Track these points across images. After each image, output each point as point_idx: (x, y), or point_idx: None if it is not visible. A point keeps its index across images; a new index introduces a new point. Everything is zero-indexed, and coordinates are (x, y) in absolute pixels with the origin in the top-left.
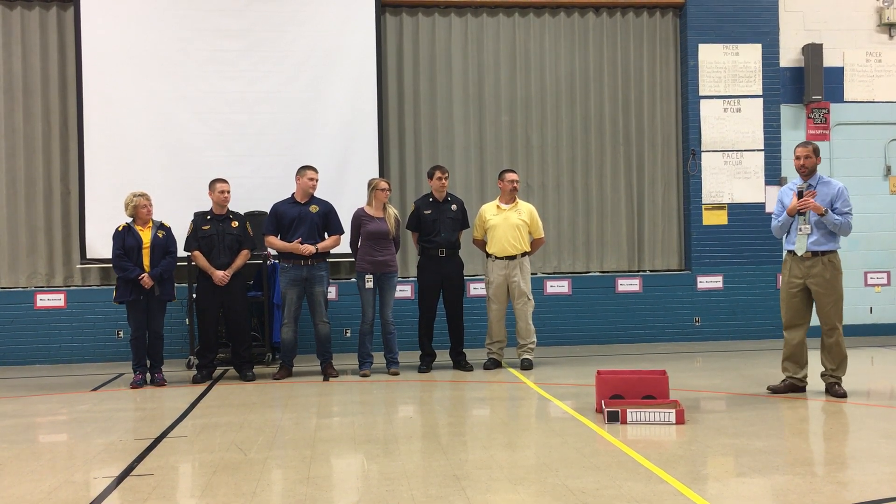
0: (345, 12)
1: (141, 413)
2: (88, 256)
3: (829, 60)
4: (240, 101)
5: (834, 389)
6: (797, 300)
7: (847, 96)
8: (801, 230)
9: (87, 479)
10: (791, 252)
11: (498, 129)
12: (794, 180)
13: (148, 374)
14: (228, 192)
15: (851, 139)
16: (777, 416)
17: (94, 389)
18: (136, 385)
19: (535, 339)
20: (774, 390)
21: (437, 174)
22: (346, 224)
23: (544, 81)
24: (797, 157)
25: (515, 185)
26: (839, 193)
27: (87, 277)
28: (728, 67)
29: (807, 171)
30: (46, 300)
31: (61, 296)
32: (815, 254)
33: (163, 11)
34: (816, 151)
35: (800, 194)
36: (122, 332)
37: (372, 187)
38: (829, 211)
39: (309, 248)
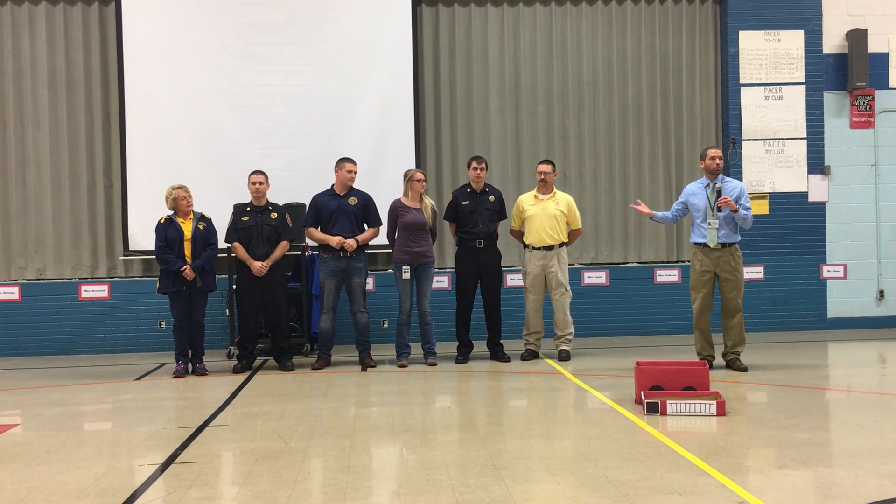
0: (380, 4)
1: (183, 402)
2: (131, 248)
3: (874, 46)
4: (277, 94)
5: (736, 364)
6: (708, 289)
7: (892, 83)
8: (710, 224)
9: (133, 467)
10: (700, 244)
11: (535, 120)
12: (701, 179)
13: (190, 364)
14: (262, 183)
15: None
16: (820, 407)
17: (138, 379)
18: (178, 374)
19: (573, 330)
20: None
21: (473, 164)
22: (384, 215)
23: (581, 71)
24: (712, 158)
25: (543, 175)
26: (742, 192)
27: (130, 269)
28: (769, 54)
29: (719, 172)
30: (91, 291)
31: (105, 287)
32: (723, 245)
33: (201, 7)
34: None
35: (719, 193)
36: (164, 323)
37: (408, 178)
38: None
39: (350, 245)
